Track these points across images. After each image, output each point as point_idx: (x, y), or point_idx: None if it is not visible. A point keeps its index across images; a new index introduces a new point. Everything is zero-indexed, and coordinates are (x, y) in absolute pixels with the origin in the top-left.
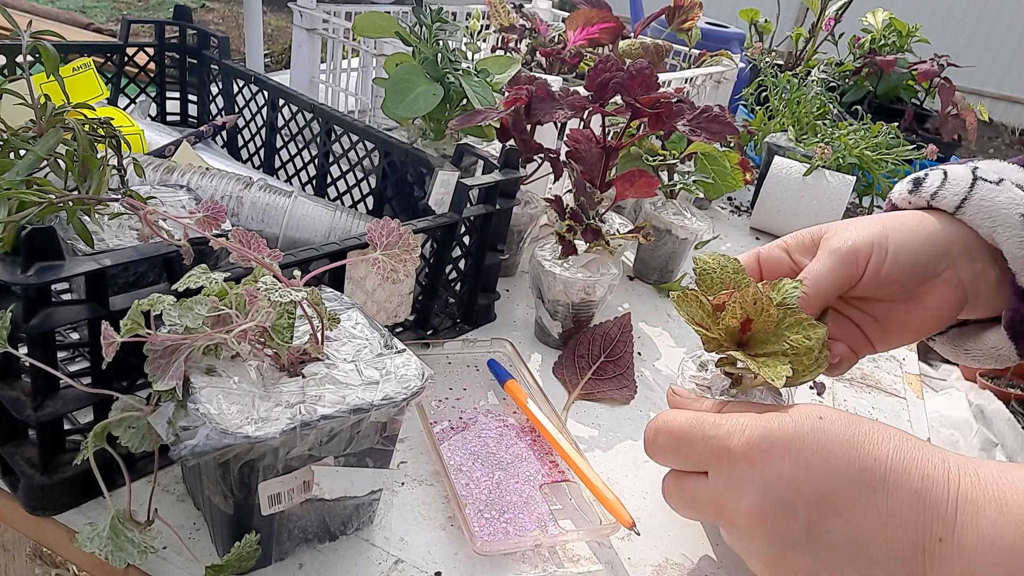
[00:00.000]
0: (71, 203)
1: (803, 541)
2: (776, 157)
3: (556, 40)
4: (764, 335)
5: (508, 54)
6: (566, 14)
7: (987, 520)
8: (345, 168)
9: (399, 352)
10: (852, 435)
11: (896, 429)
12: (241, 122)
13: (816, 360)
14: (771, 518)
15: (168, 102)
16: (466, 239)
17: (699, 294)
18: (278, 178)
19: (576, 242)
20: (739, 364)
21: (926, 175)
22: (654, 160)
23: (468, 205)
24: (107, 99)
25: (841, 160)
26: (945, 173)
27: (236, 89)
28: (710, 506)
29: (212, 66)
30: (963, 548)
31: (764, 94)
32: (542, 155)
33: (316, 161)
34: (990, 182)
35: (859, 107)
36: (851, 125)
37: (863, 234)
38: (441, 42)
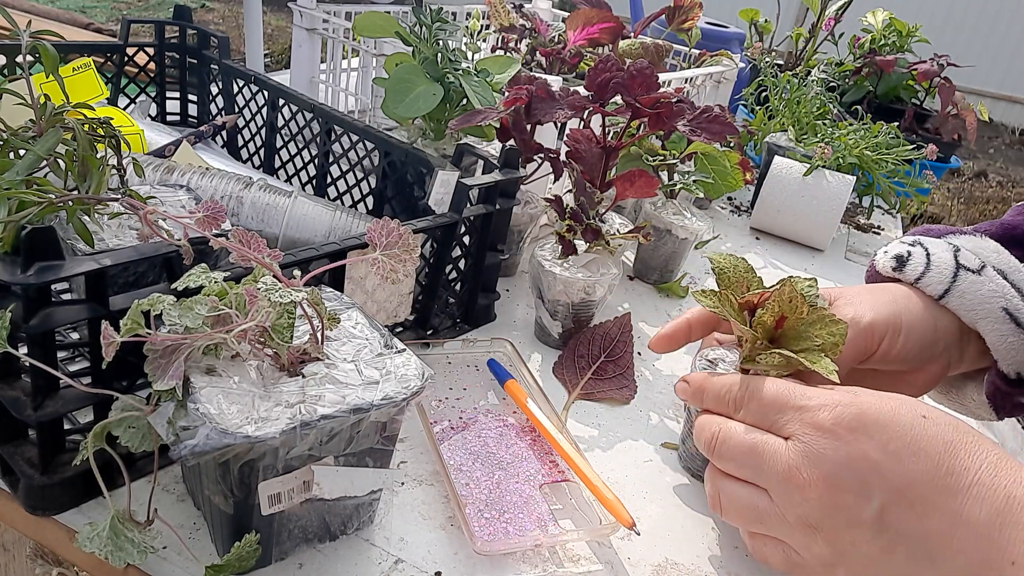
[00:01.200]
0: (71, 203)
1: (870, 523)
2: (776, 157)
3: (556, 40)
4: (794, 332)
5: (508, 54)
6: (566, 14)
7: None
8: (345, 168)
9: (399, 352)
10: (950, 440)
11: (996, 446)
12: (241, 122)
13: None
14: (845, 495)
15: (168, 102)
16: (466, 239)
17: (728, 294)
18: (278, 178)
19: (576, 242)
20: (777, 359)
21: (909, 254)
22: (654, 160)
23: (468, 205)
24: (107, 99)
25: (841, 160)
26: (928, 257)
27: (236, 89)
28: (781, 467)
29: (212, 66)
30: None
31: (764, 94)
32: (542, 155)
33: (316, 161)
34: (972, 271)
35: (859, 107)
36: (851, 125)
37: (881, 312)
38: (441, 42)
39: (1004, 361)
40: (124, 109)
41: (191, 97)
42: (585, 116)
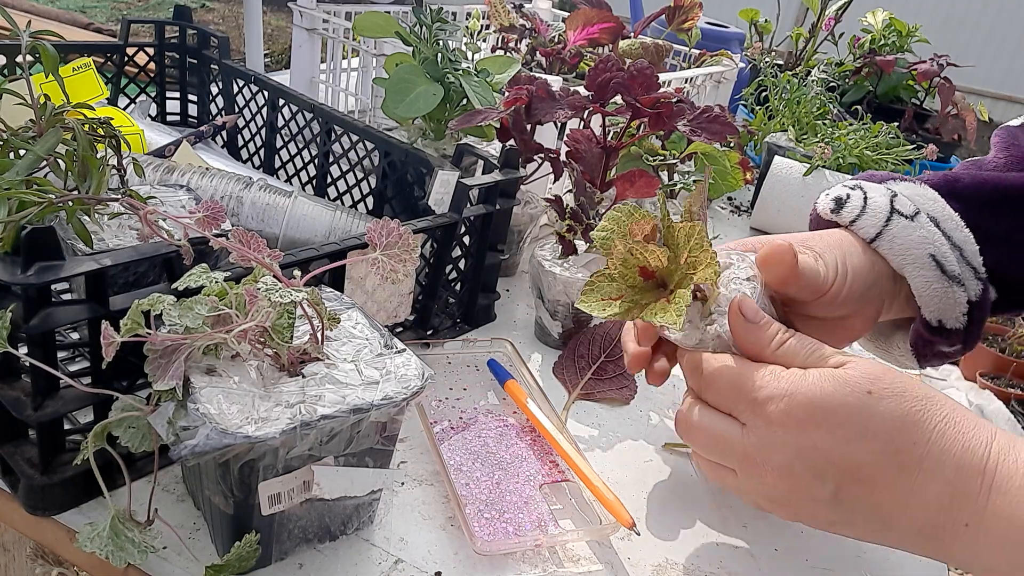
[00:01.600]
0: (71, 203)
1: (826, 500)
2: (776, 157)
3: (556, 40)
4: (671, 271)
5: (508, 54)
6: (566, 14)
7: (1019, 506)
8: (345, 168)
9: (399, 352)
10: (898, 415)
11: (948, 403)
12: (241, 122)
13: (703, 262)
14: (800, 480)
15: (168, 102)
16: (466, 239)
17: (612, 269)
18: (278, 178)
19: (576, 242)
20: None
21: (848, 196)
22: (654, 160)
23: (468, 205)
24: (107, 99)
25: (841, 160)
26: (865, 198)
27: (236, 89)
28: (739, 455)
29: (212, 66)
30: (990, 533)
31: (764, 94)
32: (542, 155)
33: (316, 161)
34: (905, 216)
35: (859, 107)
36: (851, 125)
37: (831, 255)
38: (441, 42)
39: (927, 308)
40: (124, 109)
41: (191, 97)
42: (585, 116)
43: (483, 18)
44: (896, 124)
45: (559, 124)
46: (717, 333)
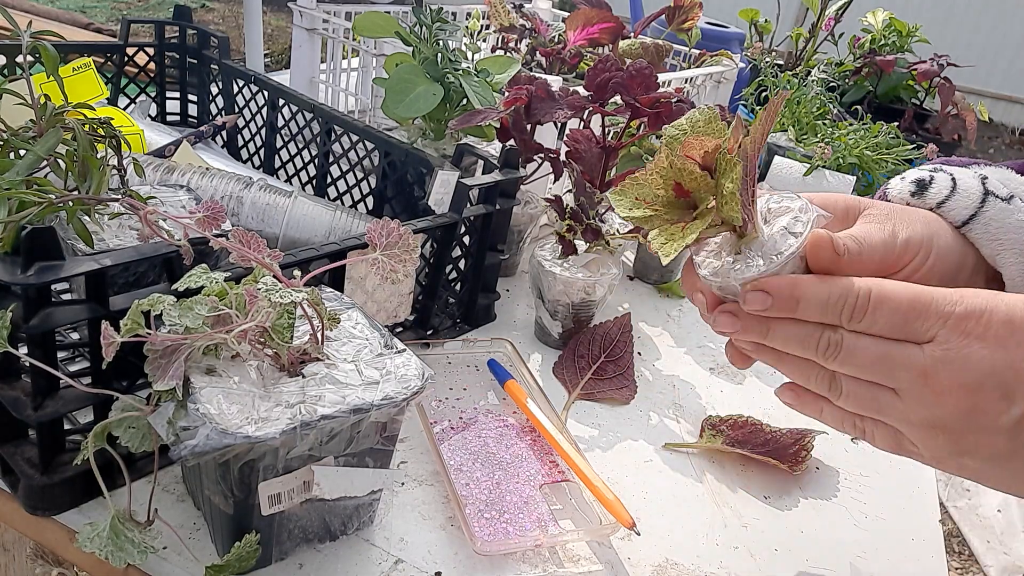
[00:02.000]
0: (71, 203)
1: (1006, 429)
2: (776, 157)
3: (556, 40)
4: (703, 195)
5: (508, 54)
6: (566, 14)
7: None
8: (345, 168)
9: (399, 352)
10: None
11: None
12: (241, 122)
13: (730, 201)
14: (985, 400)
15: (168, 102)
16: (466, 239)
17: (648, 172)
18: (278, 178)
19: (576, 242)
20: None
21: (931, 179)
22: None
23: (468, 205)
24: (107, 99)
25: (841, 160)
26: (954, 181)
27: (236, 89)
28: (917, 374)
29: (212, 66)
30: None
31: (764, 94)
32: (542, 155)
33: (316, 161)
34: (1001, 198)
35: (859, 107)
36: (851, 125)
37: (916, 231)
38: (441, 42)
39: None
40: (124, 109)
41: (191, 97)
42: (585, 116)
43: (483, 18)
44: (896, 124)
45: (559, 124)
46: (743, 277)
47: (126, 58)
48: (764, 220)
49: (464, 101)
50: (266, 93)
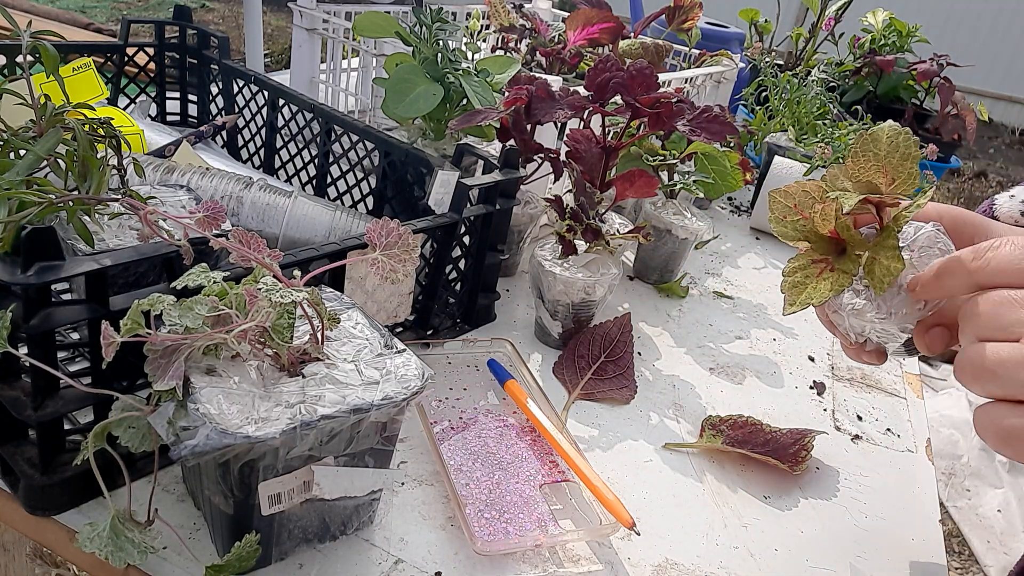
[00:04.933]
0: (71, 203)
1: None
2: (776, 157)
3: (556, 40)
4: (854, 248)
5: (508, 54)
6: (566, 14)
7: None
8: (345, 168)
9: (399, 352)
10: None
11: None
12: (241, 122)
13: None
14: None
15: (168, 102)
16: (466, 239)
17: (827, 182)
18: (278, 178)
19: (576, 242)
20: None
21: None
22: (654, 160)
23: (468, 205)
24: (107, 99)
25: (841, 160)
26: None
27: (236, 89)
28: None
29: (212, 66)
30: None
31: (764, 94)
32: (542, 155)
33: (316, 161)
34: None
35: (859, 107)
36: (851, 125)
37: None
38: (441, 42)
39: None
40: (124, 109)
41: (191, 97)
42: (585, 116)
43: (483, 18)
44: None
45: (559, 124)
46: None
47: (126, 58)
48: (909, 250)
49: (464, 101)
50: (266, 93)
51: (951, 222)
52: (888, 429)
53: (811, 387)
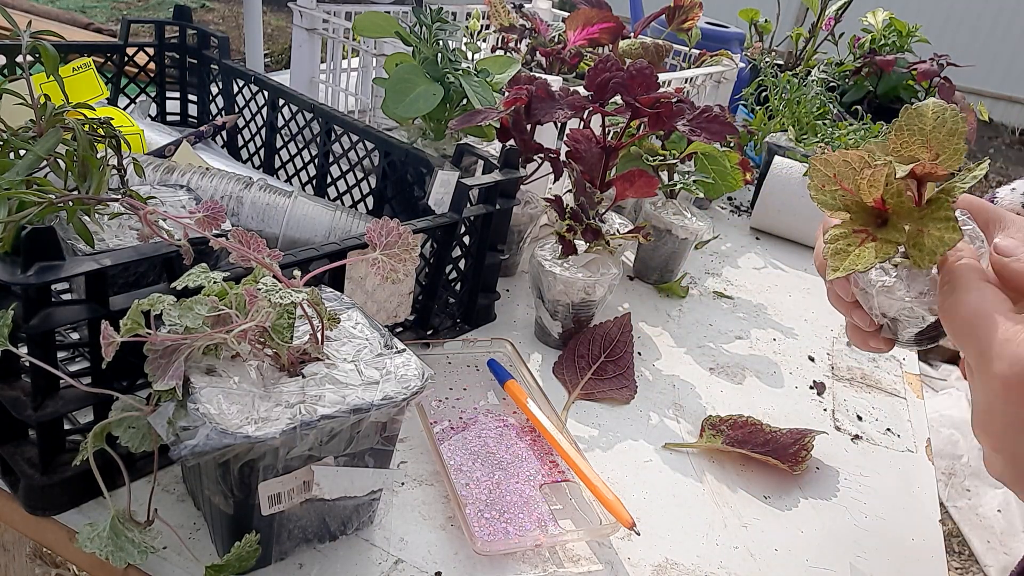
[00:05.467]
0: (71, 203)
1: None
2: (776, 157)
3: (556, 40)
4: (899, 219)
5: (508, 54)
6: (566, 14)
7: None
8: (345, 168)
9: (399, 352)
10: None
11: None
12: (241, 122)
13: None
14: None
15: (168, 102)
16: (466, 239)
17: (874, 151)
18: (278, 178)
19: (576, 242)
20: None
21: None
22: (654, 160)
23: (468, 205)
24: (107, 99)
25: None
26: None
27: (236, 89)
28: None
29: (212, 66)
30: None
31: (764, 94)
32: (542, 155)
33: (316, 161)
34: None
35: (859, 107)
36: (851, 125)
37: None
38: (441, 42)
39: None
40: (124, 109)
41: (191, 97)
42: (585, 116)
43: (483, 18)
44: None
45: (559, 124)
46: (899, 305)
47: (126, 58)
48: None
49: (464, 101)
50: (266, 93)
51: (965, 207)
52: (888, 429)
53: (811, 387)
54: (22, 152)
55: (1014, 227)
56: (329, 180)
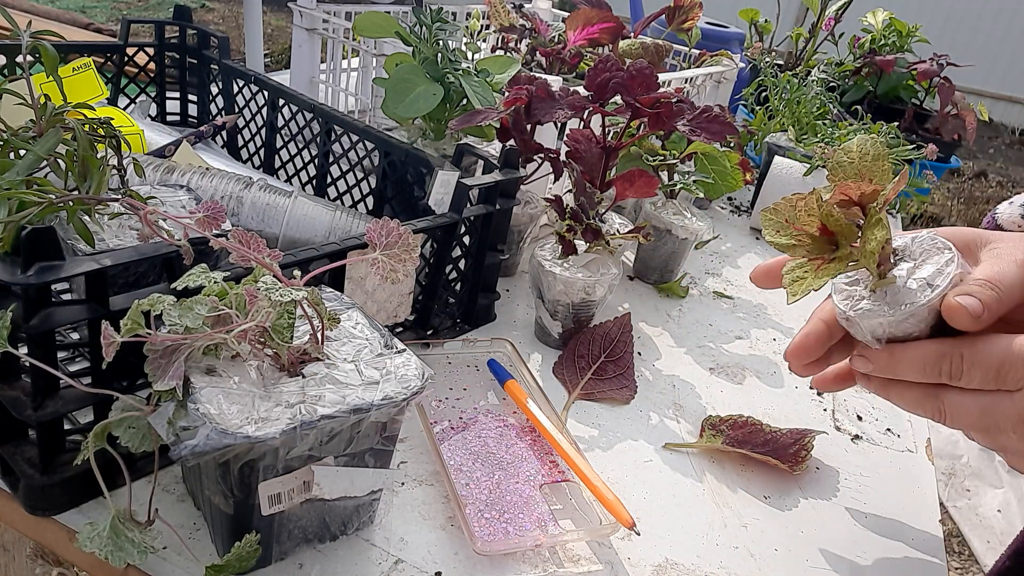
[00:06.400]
0: (71, 203)
1: None
2: (776, 157)
3: (556, 40)
4: (845, 239)
5: (508, 54)
6: (566, 14)
7: None
8: (345, 168)
9: (399, 352)
10: None
11: None
12: (241, 122)
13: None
14: None
15: (168, 102)
16: (466, 239)
17: (803, 200)
18: (278, 178)
19: (576, 242)
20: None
21: None
22: (654, 160)
23: (468, 205)
24: (107, 99)
25: None
26: None
27: (236, 89)
28: (1015, 419)
29: (212, 66)
30: None
31: (764, 94)
32: (542, 155)
33: (316, 161)
34: None
35: (859, 107)
36: (851, 125)
37: None
38: (441, 42)
39: None
40: (124, 109)
41: (191, 97)
42: (585, 116)
43: (483, 18)
44: (896, 124)
45: (559, 124)
46: (867, 323)
47: (126, 58)
48: (911, 259)
49: (464, 101)
50: (266, 93)
51: (947, 238)
52: (888, 429)
53: (811, 387)
54: (22, 152)
55: (1000, 244)
56: (329, 180)
